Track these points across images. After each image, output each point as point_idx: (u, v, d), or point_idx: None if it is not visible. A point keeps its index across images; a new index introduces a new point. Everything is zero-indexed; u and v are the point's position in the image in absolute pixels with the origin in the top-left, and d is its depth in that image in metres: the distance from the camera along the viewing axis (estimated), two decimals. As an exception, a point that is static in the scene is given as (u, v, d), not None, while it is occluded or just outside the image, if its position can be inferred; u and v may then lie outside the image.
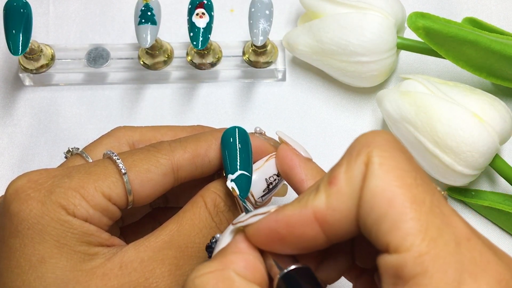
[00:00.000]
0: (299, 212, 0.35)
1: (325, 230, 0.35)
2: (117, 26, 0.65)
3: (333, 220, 0.35)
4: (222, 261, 0.36)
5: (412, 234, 0.32)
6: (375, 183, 0.33)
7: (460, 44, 0.54)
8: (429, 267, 0.32)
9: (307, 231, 0.35)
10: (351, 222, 0.35)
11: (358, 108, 0.61)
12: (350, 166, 0.35)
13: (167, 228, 0.44)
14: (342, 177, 0.35)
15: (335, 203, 0.35)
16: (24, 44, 0.56)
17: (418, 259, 0.32)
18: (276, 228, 0.36)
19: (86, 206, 0.42)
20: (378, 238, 0.33)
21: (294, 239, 0.36)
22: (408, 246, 0.32)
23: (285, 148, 0.46)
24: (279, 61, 0.61)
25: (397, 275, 0.32)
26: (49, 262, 0.41)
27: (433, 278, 0.31)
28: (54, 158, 0.60)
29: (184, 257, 0.43)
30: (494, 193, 0.57)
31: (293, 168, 0.45)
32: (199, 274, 0.35)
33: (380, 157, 0.34)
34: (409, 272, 0.32)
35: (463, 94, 0.54)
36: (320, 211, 0.35)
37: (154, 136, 0.49)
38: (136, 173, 0.43)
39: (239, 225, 0.38)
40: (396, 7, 0.57)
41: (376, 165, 0.34)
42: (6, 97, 0.62)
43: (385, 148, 0.34)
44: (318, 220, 0.35)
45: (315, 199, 0.35)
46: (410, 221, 0.32)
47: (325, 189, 0.35)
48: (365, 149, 0.34)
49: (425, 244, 0.32)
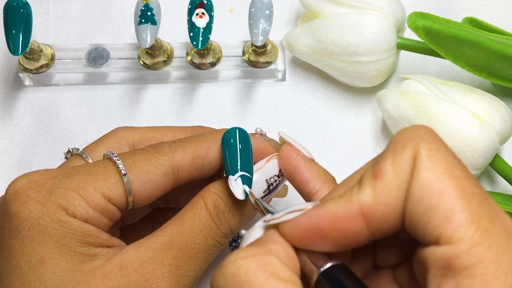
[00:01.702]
0: (344, 207, 0.35)
1: (370, 225, 0.35)
2: (117, 26, 0.65)
3: (379, 214, 0.34)
4: (263, 247, 0.35)
5: (465, 225, 0.32)
6: (425, 176, 0.33)
7: (460, 44, 0.54)
8: (484, 257, 0.32)
9: (352, 226, 0.35)
10: (398, 216, 0.34)
11: (358, 108, 0.61)
12: (397, 159, 0.34)
13: (167, 228, 0.44)
14: (389, 170, 0.34)
15: (382, 197, 0.34)
16: (24, 44, 0.56)
17: (472, 249, 0.32)
18: (318, 224, 0.35)
19: (86, 207, 0.42)
20: (427, 230, 0.33)
21: (337, 235, 0.35)
22: (461, 237, 0.32)
23: (289, 148, 0.46)
24: (279, 61, 0.61)
25: (447, 266, 0.32)
26: (49, 263, 0.41)
27: (488, 268, 0.31)
28: (54, 158, 0.60)
29: (184, 258, 0.43)
30: (494, 193, 0.57)
31: (298, 168, 0.44)
32: (241, 255, 0.34)
33: (428, 150, 0.34)
34: (462, 263, 0.32)
35: (463, 94, 0.54)
36: (366, 206, 0.34)
37: (154, 136, 0.49)
38: (136, 174, 0.43)
39: (273, 222, 0.37)
40: (396, 7, 0.57)
41: (424, 157, 0.34)
42: (6, 97, 0.62)
43: (431, 141, 0.34)
44: (364, 215, 0.34)
45: (360, 193, 0.35)
46: (463, 212, 0.32)
47: (370, 182, 0.35)
48: (411, 142, 0.34)
49: (478, 235, 0.32)
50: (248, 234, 0.38)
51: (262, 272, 0.34)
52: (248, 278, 0.33)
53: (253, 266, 0.34)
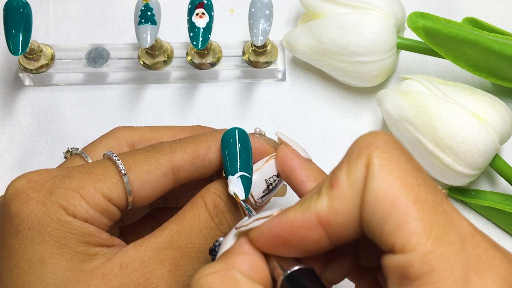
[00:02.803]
0: (302, 215, 0.35)
1: (328, 233, 0.35)
2: (117, 26, 0.65)
3: (336, 222, 0.35)
4: (227, 261, 0.36)
5: (416, 233, 0.32)
6: (377, 185, 0.33)
7: (460, 44, 0.54)
8: (436, 265, 0.32)
9: (310, 234, 0.35)
10: (354, 224, 0.35)
11: (358, 108, 0.61)
12: (351, 168, 0.35)
13: (167, 228, 0.44)
14: (343, 180, 0.35)
15: (337, 206, 0.35)
16: (24, 44, 0.56)
17: (424, 258, 0.32)
18: (279, 232, 0.36)
19: (86, 206, 0.42)
20: (383, 239, 0.33)
21: (297, 242, 0.36)
22: (414, 246, 0.32)
23: (285, 149, 0.46)
24: (279, 61, 0.61)
25: (403, 275, 0.32)
26: (49, 263, 0.41)
27: (439, 276, 0.32)
28: (54, 158, 0.60)
29: (184, 258, 0.43)
30: (494, 193, 0.57)
31: (293, 169, 0.45)
32: (204, 274, 0.35)
33: (380, 159, 0.34)
34: (415, 271, 0.32)
35: (463, 94, 0.54)
36: (322, 214, 0.35)
37: (153, 136, 0.49)
38: (136, 174, 0.43)
39: (242, 229, 0.38)
40: (396, 7, 0.57)
41: (376, 167, 0.34)
42: (6, 97, 0.62)
43: (384, 149, 0.34)
44: (321, 223, 0.35)
45: (317, 202, 0.35)
46: (414, 220, 0.32)
47: (327, 192, 0.35)
48: (365, 150, 0.34)
49: (430, 243, 0.32)
50: (224, 242, 0.39)
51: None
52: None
53: (215, 284, 0.35)
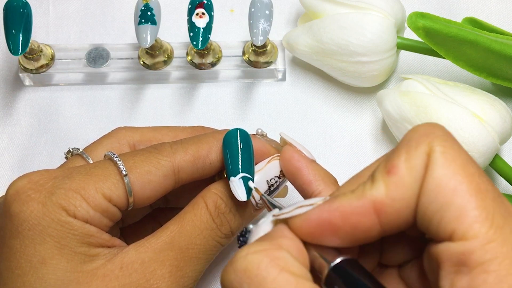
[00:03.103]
0: (357, 201, 0.35)
1: (382, 221, 0.35)
2: (117, 26, 0.65)
3: (392, 209, 0.35)
4: (273, 242, 0.35)
5: (479, 221, 0.32)
6: (440, 172, 0.34)
7: (460, 44, 0.54)
8: (498, 253, 0.32)
9: (363, 221, 0.35)
10: (410, 212, 0.35)
11: (358, 108, 0.61)
12: (411, 155, 0.34)
13: (168, 229, 0.44)
14: (402, 166, 0.34)
15: (395, 193, 0.34)
16: (24, 44, 0.56)
17: (486, 246, 0.32)
18: (330, 218, 0.35)
19: (87, 207, 0.42)
20: (440, 226, 0.33)
21: (348, 230, 0.35)
22: (476, 233, 0.32)
23: (291, 149, 0.46)
24: (279, 61, 0.61)
25: (461, 262, 0.32)
26: (49, 263, 0.41)
27: (502, 264, 0.32)
28: (54, 158, 0.60)
29: (185, 258, 0.43)
30: (494, 193, 0.57)
31: (300, 170, 0.44)
32: (252, 250, 0.34)
33: (442, 147, 0.34)
34: (476, 258, 0.32)
35: (463, 94, 0.54)
36: (379, 201, 0.35)
37: (154, 136, 0.49)
38: (137, 174, 0.43)
39: (283, 216, 0.37)
40: (396, 7, 0.57)
41: (439, 154, 0.34)
42: (6, 97, 0.62)
43: (446, 138, 0.35)
44: (376, 210, 0.35)
45: (372, 188, 0.35)
46: (477, 209, 0.33)
47: (383, 178, 0.35)
48: (425, 138, 0.35)
49: (493, 232, 0.32)
50: (256, 229, 0.38)
51: (273, 267, 0.34)
52: (260, 273, 0.34)
53: (264, 261, 0.34)
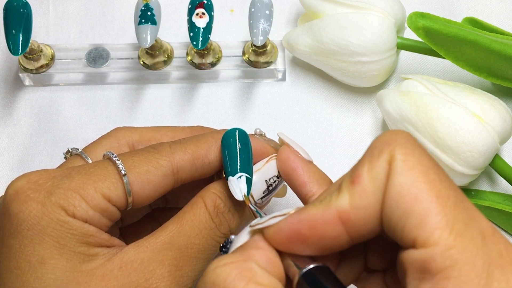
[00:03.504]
0: (323, 212, 0.35)
1: (349, 230, 0.35)
2: (117, 26, 0.65)
3: (357, 219, 0.35)
4: (244, 253, 0.36)
5: (439, 228, 0.33)
6: (400, 180, 0.34)
7: (460, 44, 0.54)
8: (458, 259, 0.32)
9: (330, 231, 0.35)
10: (375, 220, 0.35)
11: (358, 108, 0.61)
12: (373, 164, 0.35)
13: (167, 229, 0.44)
14: (365, 176, 0.35)
15: (359, 202, 0.35)
16: (24, 44, 0.56)
17: (446, 252, 0.32)
18: (298, 229, 0.36)
19: (86, 207, 0.42)
20: (404, 234, 0.33)
21: (316, 239, 0.36)
22: (436, 240, 0.32)
23: (287, 150, 0.46)
24: (279, 61, 0.61)
25: (424, 269, 0.33)
26: (49, 263, 0.41)
27: (462, 270, 0.32)
28: (54, 158, 0.60)
29: (184, 258, 0.43)
30: (494, 193, 0.57)
31: (295, 170, 0.45)
32: (221, 263, 0.35)
33: (403, 154, 0.34)
34: (437, 265, 0.32)
35: (463, 94, 0.54)
36: (344, 211, 0.35)
37: (153, 136, 0.49)
38: (136, 174, 0.43)
39: (258, 227, 0.38)
40: (396, 7, 0.57)
41: (399, 162, 0.34)
42: (6, 97, 0.62)
43: (407, 146, 0.35)
44: (342, 219, 0.35)
45: (338, 198, 0.35)
46: (437, 215, 0.33)
47: (347, 188, 0.35)
48: (387, 147, 0.35)
49: (453, 238, 0.32)
50: (237, 239, 0.39)
51: (240, 279, 0.34)
52: (227, 285, 0.34)
53: (232, 273, 0.35)
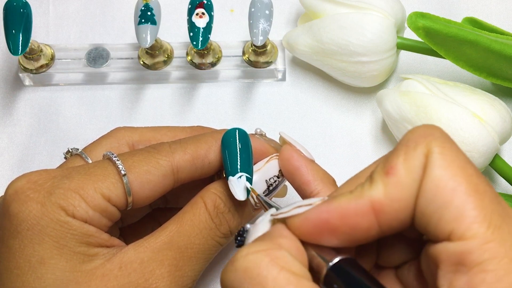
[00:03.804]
0: (355, 201, 0.35)
1: (381, 221, 0.35)
2: (117, 26, 0.65)
3: (390, 210, 0.35)
4: (273, 241, 0.36)
5: (477, 222, 0.33)
6: (438, 173, 0.34)
7: (460, 44, 0.54)
8: (496, 253, 0.32)
9: (361, 221, 0.35)
10: (408, 213, 0.35)
11: (358, 108, 0.61)
12: (409, 156, 0.35)
13: (167, 229, 0.44)
14: (401, 167, 0.35)
15: (394, 193, 0.35)
16: (24, 44, 0.56)
17: (484, 246, 0.32)
18: (328, 219, 0.36)
19: (86, 207, 0.42)
20: (439, 227, 0.34)
21: (346, 230, 0.35)
22: (474, 233, 0.33)
23: (290, 149, 0.46)
24: (279, 61, 0.61)
25: (460, 262, 0.33)
26: (48, 263, 0.41)
27: (500, 264, 0.32)
28: (54, 158, 0.60)
29: (183, 258, 0.43)
30: (494, 193, 0.57)
31: (299, 169, 0.45)
32: (252, 250, 0.35)
33: (441, 148, 0.34)
34: (474, 258, 0.32)
35: (463, 94, 0.54)
36: (378, 201, 0.35)
37: (153, 136, 0.49)
38: (135, 174, 0.43)
39: (282, 216, 0.37)
40: (396, 7, 0.57)
41: (437, 155, 0.34)
42: (6, 97, 0.62)
43: (444, 140, 0.35)
44: (374, 210, 0.35)
45: (371, 189, 0.35)
46: (476, 209, 0.33)
47: (381, 179, 0.35)
48: (423, 140, 0.35)
49: (491, 232, 0.33)
50: (254, 228, 0.38)
51: (273, 266, 0.34)
52: (260, 272, 0.34)
53: (265, 261, 0.34)
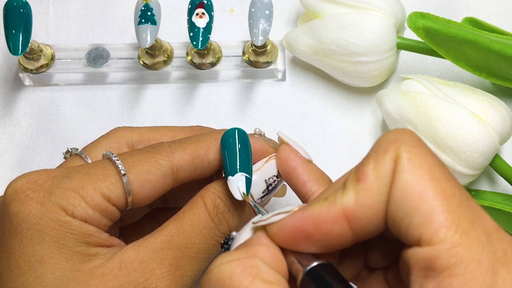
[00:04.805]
0: (327, 209, 0.35)
1: (353, 227, 0.35)
2: (117, 26, 0.65)
3: (362, 216, 0.35)
4: (248, 250, 0.36)
5: (445, 226, 0.33)
6: (406, 178, 0.34)
7: (460, 44, 0.54)
8: (464, 257, 0.32)
9: (335, 228, 0.35)
10: (380, 218, 0.35)
11: (358, 108, 0.61)
12: (379, 162, 0.35)
13: (166, 228, 0.44)
14: (370, 174, 0.35)
15: (364, 199, 0.35)
16: (24, 44, 0.56)
17: (452, 250, 0.32)
18: (302, 226, 0.36)
19: (86, 206, 0.42)
20: (409, 231, 0.34)
21: (320, 237, 0.36)
22: (442, 238, 0.33)
23: (287, 149, 0.46)
24: (279, 61, 0.61)
25: (429, 267, 0.33)
26: (48, 263, 0.41)
27: (467, 268, 0.32)
28: (54, 158, 0.60)
29: (183, 258, 0.43)
30: (494, 193, 0.57)
31: (295, 169, 0.45)
32: (226, 260, 0.35)
33: (408, 153, 0.34)
34: (442, 263, 0.32)
35: (463, 94, 0.54)
36: (349, 208, 0.35)
37: (153, 136, 0.49)
38: (135, 174, 0.43)
39: (261, 224, 0.38)
40: (396, 7, 0.57)
41: (405, 160, 0.34)
42: (6, 97, 0.62)
43: (412, 144, 0.35)
44: (347, 217, 0.35)
45: (343, 196, 0.35)
46: (443, 213, 0.33)
47: (353, 186, 0.35)
48: (393, 145, 0.35)
49: (458, 236, 0.32)
50: (238, 236, 0.39)
51: (245, 276, 0.34)
52: (232, 282, 0.34)
53: (237, 270, 0.35)
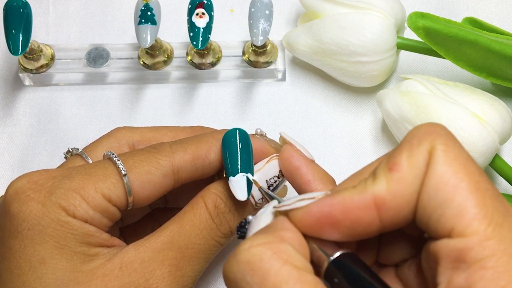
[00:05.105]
0: (358, 196, 0.35)
1: (382, 216, 0.35)
2: (117, 26, 0.65)
3: (392, 205, 0.35)
4: (276, 235, 0.36)
5: (478, 219, 0.33)
6: (441, 170, 0.34)
7: (460, 44, 0.54)
8: (496, 250, 0.32)
9: (363, 216, 0.35)
10: (410, 209, 0.35)
11: (358, 108, 0.61)
12: (413, 152, 0.35)
13: (167, 229, 0.44)
14: (404, 164, 0.35)
15: (396, 189, 0.35)
16: (24, 44, 0.56)
17: (484, 243, 0.33)
18: (330, 212, 0.36)
19: (86, 207, 0.42)
20: (440, 223, 0.34)
21: (348, 224, 0.36)
22: (475, 230, 0.33)
23: (290, 148, 0.46)
24: (279, 61, 0.61)
25: (459, 258, 0.33)
26: (49, 263, 0.41)
27: (499, 261, 0.32)
28: (54, 158, 0.60)
29: (184, 258, 0.44)
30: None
31: (299, 169, 0.45)
32: (255, 243, 0.35)
33: (444, 145, 0.35)
34: (474, 255, 0.33)
35: (463, 94, 0.54)
36: (380, 196, 0.35)
37: (154, 136, 0.49)
38: (136, 174, 0.43)
39: (284, 208, 0.37)
40: (396, 7, 0.57)
41: (441, 152, 0.34)
42: (6, 97, 0.62)
43: (447, 137, 0.35)
44: (377, 205, 0.35)
45: (374, 184, 0.35)
46: (477, 206, 0.33)
47: (385, 174, 0.35)
48: (428, 137, 0.35)
49: (491, 229, 0.33)
50: (256, 220, 0.38)
51: (276, 260, 0.34)
52: (263, 265, 0.34)
53: (268, 254, 0.34)
